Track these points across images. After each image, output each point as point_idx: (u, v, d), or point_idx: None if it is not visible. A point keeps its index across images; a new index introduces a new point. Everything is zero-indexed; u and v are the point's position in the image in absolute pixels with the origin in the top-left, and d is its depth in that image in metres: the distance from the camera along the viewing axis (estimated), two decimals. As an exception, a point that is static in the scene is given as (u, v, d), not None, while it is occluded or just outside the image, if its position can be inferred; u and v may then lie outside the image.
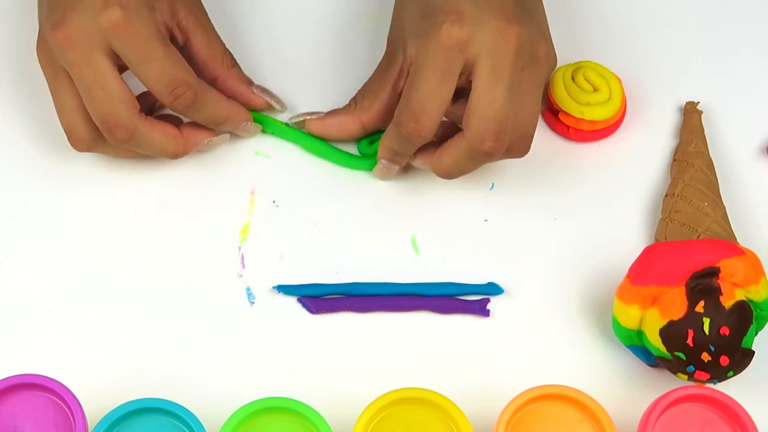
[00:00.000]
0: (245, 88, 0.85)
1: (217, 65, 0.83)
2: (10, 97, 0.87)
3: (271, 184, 0.85)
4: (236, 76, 0.84)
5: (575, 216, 0.85)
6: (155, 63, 0.78)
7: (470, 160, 0.80)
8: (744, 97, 0.89)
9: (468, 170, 0.81)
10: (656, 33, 0.91)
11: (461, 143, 0.79)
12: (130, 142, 0.79)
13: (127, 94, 0.79)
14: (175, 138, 0.81)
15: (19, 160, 0.85)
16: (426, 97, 0.78)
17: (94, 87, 0.78)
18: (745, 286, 0.77)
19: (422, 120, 0.78)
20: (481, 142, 0.78)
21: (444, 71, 0.78)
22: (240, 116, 0.84)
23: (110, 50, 0.78)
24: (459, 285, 0.82)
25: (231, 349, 0.80)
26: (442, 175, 0.82)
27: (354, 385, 0.79)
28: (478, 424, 0.75)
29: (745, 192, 0.86)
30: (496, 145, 0.78)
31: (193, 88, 0.79)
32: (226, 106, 0.83)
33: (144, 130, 0.80)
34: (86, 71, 0.78)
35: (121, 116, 0.78)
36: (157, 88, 0.79)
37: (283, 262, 0.83)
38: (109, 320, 0.80)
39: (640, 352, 0.79)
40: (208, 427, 0.73)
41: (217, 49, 0.84)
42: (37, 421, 0.73)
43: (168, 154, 0.82)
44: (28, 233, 0.83)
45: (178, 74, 0.79)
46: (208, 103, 0.81)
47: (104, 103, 0.78)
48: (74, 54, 0.78)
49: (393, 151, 0.82)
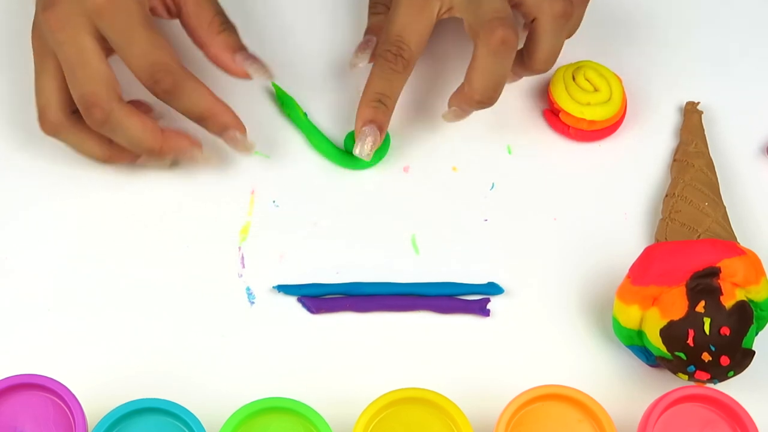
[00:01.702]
0: (226, 56, 0.82)
1: (202, 32, 0.82)
2: (11, 96, 0.87)
3: (271, 184, 0.85)
4: (221, 43, 0.82)
5: (575, 216, 0.85)
6: (137, 46, 0.78)
7: (494, 60, 0.80)
8: (744, 97, 0.89)
9: (499, 76, 0.81)
10: (656, 33, 0.91)
11: (478, 50, 0.80)
12: (105, 124, 0.79)
13: (110, 76, 0.79)
14: (153, 132, 0.80)
15: (20, 161, 0.85)
16: (404, 27, 0.81)
17: (77, 66, 0.78)
18: (745, 286, 0.77)
19: (403, 45, 0.81)
20: (492, 32, 0.79)
21: (420, 6, 0.81)
22: (223, 117, 0.80)
23: (97, 32, 0.78)
24: (459, 285, 0.82)
25: (231, 349, 0.80)
26: (480, 99, 0.81)
27: (354, 385, 0.79)
28: (478, 424, 0.75)
29: (745, 192, 0.86)
30: (507, 30, 0.79)
31: (172, 74, 0.78)
32: (209, 100, 0.80)
33: (121, 115, 0.79)
34: (72, 50, 0.78)
35: (100, 96, 0.78)
36: (138, 71, 0.79)
37: (283, 262, 0.83)
38: (109, 320, 0.80)
39: (640, 352, 0.79)
40: (208, 427, 0.73)
41: (205, 15, 0.82)
42: (37, 421, 0.73)
43: (143, 147, 0.80)
44: (28, 233, 0.83)
45: (159, 58, 0.78)
46: (189, 92, 0.79)
47: (85, 82, 0.78)
48: (62, 34, 0.78)
49: (377, 97, 0.82)
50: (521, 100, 0.89)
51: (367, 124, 0.83)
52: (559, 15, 0.81)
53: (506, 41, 0.79)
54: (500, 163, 0.86)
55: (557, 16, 0.81)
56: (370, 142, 0.83)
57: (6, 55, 0.88)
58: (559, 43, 0.83)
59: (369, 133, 0.83)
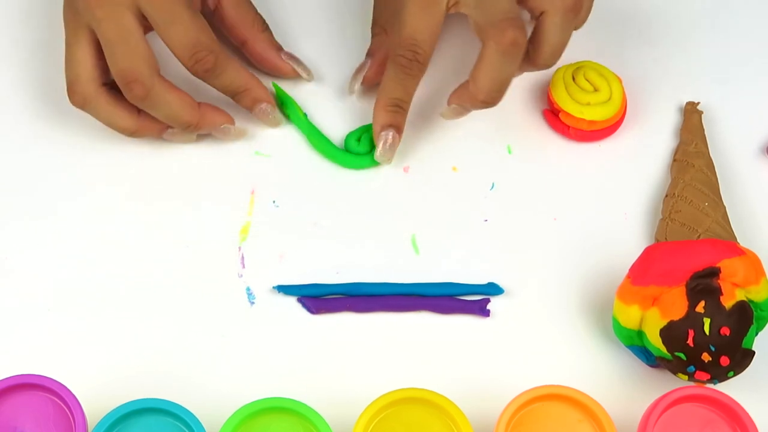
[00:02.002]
0: (273, 53, 0.85)
1: (246, 29, 0.85)
2: (11, 97, 0.87)
3: (271, 184, 0.85)
4: (265, 41, 0.85)
5: (575, 216, 0.85)
6: (179, 26, 0.79)
7: (502, 61, 0.79)
8: (744, 97, 0.89)
9: (506, 77, 0.80)
10: (656, 33, 0.91)
11: (486, 50, 0.79)
12: (145, 99, 0.80)
13: (149, 53, 0.80)
14: (191, 107, 0.82)
15: (21, 161, 0.85)
16: (415, 28, 0.80)
17: (118, 42, 0.79)
18: (745, 286, 0.77)
19: (417, 49, 0.80)
20: (502, 33, 0.78)
21: (426, 3, 0.80)
22: (258, 91, 0.84)
23: (137, 10, 0.79)
24: (459, 285, 0.82)
25: (231, 349, 0.80)
26: (484, 98, 0.81)
27: (354, 385, 0.79)
28: (478, 424, 0.75)
29: (745, 192, 0.86)
30: (517, 31, 0.78)
31: (214, 54, 0.80)
32: (245, 76, 0.83)
33: (161, 90, 0.80)
34: (112, 27, 0.79)
35: (141, 72, 0.79)
36: (180, 51, 0.80)
37: (283, 262, 0.83)
38: (109, 320, 0.80)
39: (640, 352, 0.79)
40: (208, 427, 0.73)
41: (247, 12, 0.85)
42: (37, 421, 0.73)
43: (181, 122, 0.82)
44: (28, 233, 0.83)
45: (200, 38, 0.80)
46: (228, 70, 0.82)
47: (126, 58, 0.79)
48: (102, 11, 0.79)
49: (393, 102, 0.82)
50: (521, 100, 0.89)
51: (386, 128, 0.83)
52: (569, 8, 0.80)
53: (516, 42, 0.79)
54: (500, 163, 0.86)
55: (567, 10, 0.80)
56: (390, 145, 0.84)
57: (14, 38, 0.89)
58: (566, 38, 0.82)
59: (385, 138, 0.83)
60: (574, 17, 0.81)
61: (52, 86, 0.87)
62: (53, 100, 0.86)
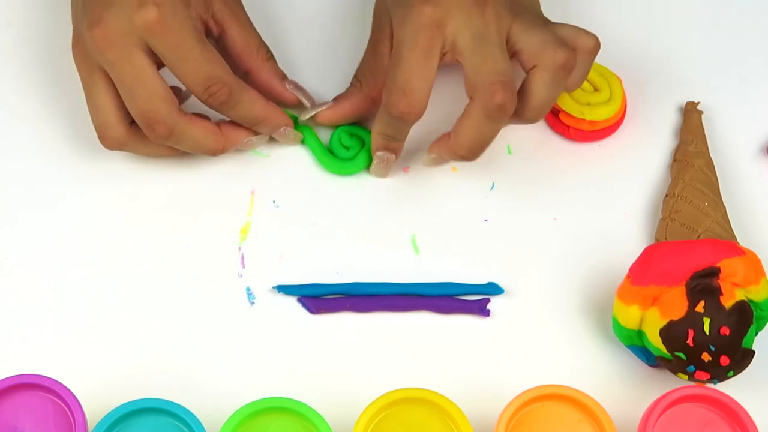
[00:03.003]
0: (277, 83, 0.84)
1: (251, 58, 0.84)
2: (12, 97, 0.87)
3: (271, 184, 0.85)
4: (270, 70, 0.84)
5: (575, 216, 0.85)
6: (191, 61, 0.78)
7: (487, 122, 0.78)
8: (744, 97, 0.89)
9: (488, 137, 0.80)
10: (656, 33, 0.91)
11: (473, 108, 0.78)
12: (169, 138, 0.80)
13: (167, 91, 0.79)
14: (214, 134, 0.82)
15: (20, 161, 0.85)
16: (412, 75, 0.78)
17: (134, 85, 0.78)
18: (745, 286, 0.77)
19: (412, 97, 0.78)
20: (492, 96, 0.77)
21: (425, 48, 0.78)
22: (276, 119, 0.83)
23: (148, 48, 0.78)
24: (459, 285, 0.82)
25: (231, 349, 0.80)
26: (464, 154, 0.80)
27: (354, 385, 0.79)
28: (478, 424, 0.75)
29: (745, 192, 0.86)
30: (507, 95, 0.77)
31: (228, 86, 0.80)
32: (262, 106, 0.82)
33: (183, 126, 0.80)
34: (126, 69, 0.78)
35: (161, 113, 0.79)
36: (193, 86, 0.79)
37: (283, 262, 0.83)
38: (109, 320, 0.80)
39: (640, 352, 0.79)
40: (208, 427, 0.73)
41: (252, 41, 0.84)
42: (37, 421, 0.73)
43: (207, 150, 0.82)
44: (28, 233, 0.83)
45: (213, 72, 0.79)
46: (244, 101, 0.81)
47: (145, 101, 0.78)
48: (113, 53, 0.78)
49: (387, 137, 0.82)
50: (521, 100, 0.89)
51: (380, 149, 0.83)
52: (560, 66, 0.78)
53: (503, 107, 0.77)
54: (500, 163, 0.86)
55: (558, 67, 0.79)
56: (384, 164, 0.84)
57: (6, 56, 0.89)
58: (554, 95, 0.80)
59: (382, 155, 0.83)
60: (565, 76, 0.79)
61: (52, 88, 0.87)
62: (53, 102, 0.86)
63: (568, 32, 0.81)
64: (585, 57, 0.82)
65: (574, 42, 0.81)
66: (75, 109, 0.85)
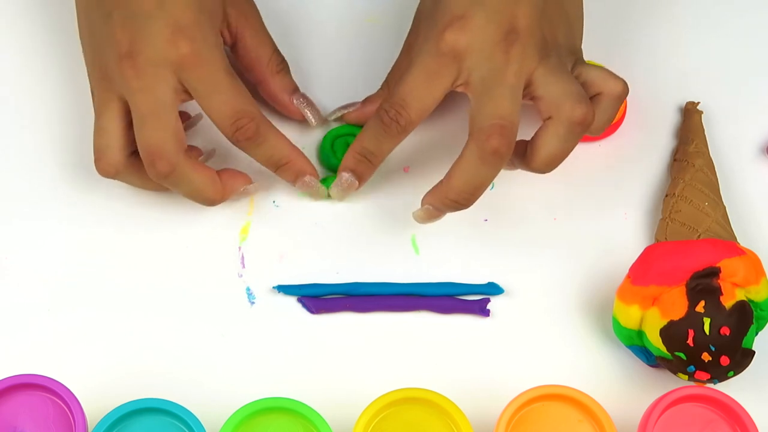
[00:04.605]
0: (285, 96, 0.83)
1: (262, 68, 0.83)
2: (13, 99, 0.87)
3: (271, 184, 0.85)
4: (280, 82, 0.83)
5: (575, 216, 0.85)
6: (221, 95, 0.77)
7: (481, 166, 0.77)
8: (744, 97, 0.89)
9: (480, 182, 0.77)
10: (657, 33, 0.91)
11: (468, 149, 0.77)
12: (168, 177, 0.78)
13: (179, 129, 0.78)
14: (213, 183, 0.80)
15: (20, 161, 0.85)
16: (410, 92, 0.77)
17: (149, 115, 0.77)
18: (745, 286, 0.77)
19: (403, 111, 0.77)
20: (487, 139, 0.76)
21: (433, 74, 0.77)
22: (299, 164, 0.81)
23: (177, 81, 0.77)
24: (459, 285, 0.82)
25: (231, 349, 0.80)
26: (455, 198, 0.78)
27: (354, 385, 0.79)
28: (478, 424, 0.75)
29: (745, 192, 0.86)
30: (503, 140, 0.76)
31: (256, 122, 0.78)
32: (287, 147, 0.80)
33: (186, 168, 0.78)
34: (147, 99, 0.77)
35: (167, 149, 0.77)
36: (220, 120, 0.78)
37: (283, 262, 0.83)
38: (110, 320, 0.80)
39: (640, 352, 0.79)
40: (208, 427, 0.73)
41: (264, 51, 0.83)
42: (37, 421, 0.73)
43: (203, 199, 0.80)
44: (28, 233, 0.83)
45: (242, 106, 0.78)
46: (270, 139, 0.79)
47: (155, 132, 0.77)
48: (140, 82, 0.77)
49: (363, 152, 0.80)
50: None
51: (347, 170, 0.81)
52: (577, 122, 0.76)
53: (498, 153, 0.76)
54: (500, 163, 0.86)
55: (575, 123, 0.76)
56: (345, 187, 0.82)
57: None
58: (567, 149, 0.78)
59: (347, 179, 0.81)
60: (581, 131, 0.77)
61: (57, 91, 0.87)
62: (54, 102, 0.86)
63: (595, 76, 0.79)
64: (610, 102, 0.80)
65: (600, 87, 0.79)
66: (77, 112, 0.85)
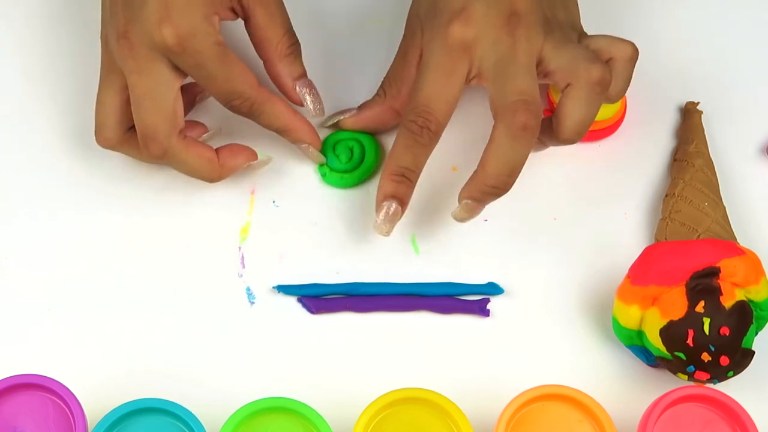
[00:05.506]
0: (288, 81, 0.83)
1: (269, 49, 0.82)
2: (13, 97, 0.87)
3: (271, 184, 0.85)
4: (286, 66, 0.82)
5: (575, 216, 0.85)
6: (211, 81, 0.78)
7: (512, 145, 0.76)
8: (744, 97, 0.89)
9: (515, 162, 0.77)
10: (656, 33, 0.91)
11: (496, 131, 0.76)
12: (162, 158, 0.79)
13: (173, 111, 0.78)
14: (210, 162, 0.81)
15: (20, 160, 0.85)
16: (431, 95, 0.77)
17: (144, 97, 0.78)
18: (745, 286, 0.77)
19: (430, 116, 0.77)
20: (513, 115, 0.76)
21: (449, 71, 0.77)
22: (302, 131, 0.82)
23: (171, 62, 0.78)
24: (459, 285, 0.82)
25: (231, 349, 0.80)
26: (493, 183, 0.77)
27: (354, 385, 0.79)
28: (478, 424, 0.75)
29: (745, 192, 0.86)
30: (529, 114, 0.76)
31: (249, 101, 0.79)
32: (286, 118, 0.81)
33: (178, 150, 0.79)
34: (143, 80, 0.78)
35: (159, 131, 0.78)
36: (218, 98, 0.80)
37: (283, 262, 0.83)
38: (110, 320, 0.80)
39: (640, 352, 0.79)
40: (208, 427, 0.73)
41: (275, 32, 0.82)
42: (37, 421, 0.73)
43: (201, 177, 0.81)
44: (28, 233, 0.83)
45: (234, 89, 0.79)
46: (266, 112, 0.80)
47: (148, 115, 0.78)
48: (135, 63, 0.78)
49: (399, 169, 0.79)
50: (521, 100, 0.89)
51: (388, 198, 0.80)
52: (595, 82, 0.77)
53: (527, 127, 0.76)
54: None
55: (594, 83, 0.77)
56: (390, 218, 0.80)
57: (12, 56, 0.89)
58: (591, 113, 0.78)
59: (387, 207, 0.80)
60: (602, 91, 0.77)
61: (54, 87, 0.87)
62: (54, 101, 0.86)
63: (602, 43, 0.79)
64: (623, 65, 0.80)
65: (609, 52, 0.79)
66: (76, 109, 0.85)
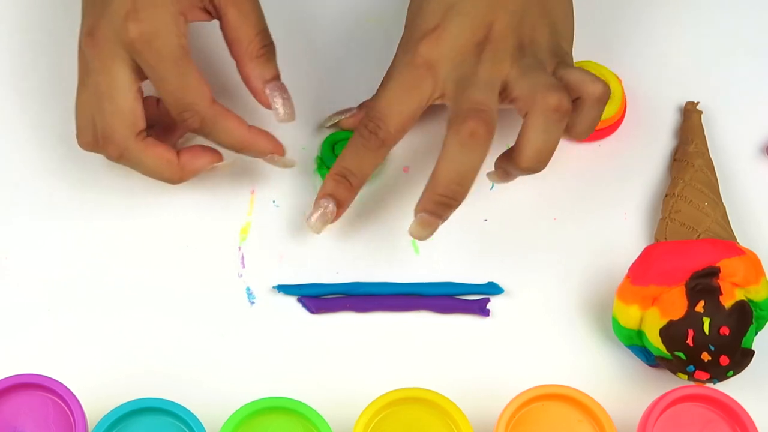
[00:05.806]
0: (257, 82, 0.81)
1: (240, 50, 0.80)
2: (14, 97, 0.87)
3: (271, 184, 0.85)
4: (256, 67, 0.80)
5: (575, 216, 0.85)
6: (167, 84, 0.77)
7: (461, 151, 0.75)
8: (744, 97, 0.89)
9: (468, 168, 0.76)
10: (656, 33, 0.91)
11: (446, 139, 0.76)
12: (120, 160, 0.79)
13: (132, 112, 0.78)
14: (169, 164, 0.79)
15: (20, 160, 0.85)
16: (387, 105, 0.77)
17: (103, 98, 0.78)
18: (745, 286, 0.77)
19: (381, 124, 0.77)
20: (462, 122, 0.75)
21: (409, 86, 0.77)
22: (260, 144, 0.80)
23: (134, 62, 0.77)
24: (459, 285, 0.82)
25: (231, 349, 0.80)
26: (443, 191, 0.76)
27: (354, 385, 0.79)
28: (478, 424, 0.75)
29: (745, 192, 0.86)
30: (480, 122, 0.75)
31: (199, 115, 0.78)
32: (240, 133, 0.79)
33: (136, 152, 0.78)
34: (102, 80, 0.78)
35: (115, 133, 0.78)
36: (169, 107, 0.78)
37: (283, 262, 0.83)
38: (110, 320, 0.80)
39: (640, 352, 0.79)
40: (208, 427, 0.73)
41: (246, 33, 0.80)
42: (37, 421, 0.73)
43: (161, 178, 0.80)
44: (28, 233, 0.83)
45: (186, 99, 0.77)
46: (218, 130, 0.78)
47: (106, 116, 0.78)
48: (98, 62, 0.77)
49: (343, 172, 0.79)
50: (521, 100, 0.89)
51: (326, 197, 0.80)
52: (552, 109, 0.75)
53: (475, 134, 0.75)
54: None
55: (550, 110, 0.75)
56: (322, 217, 0.80)
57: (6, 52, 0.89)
58: (550, 141, 0.76)
59: (323, 206, 0.80)
60: (559, 119, 0.76)
61: (52, 86, 0.87)
62: (54, 101, 0.86)
63: (575, 79, 0.78)
64: (591, 104, 0.78)
65: (579, 90, 0.78)
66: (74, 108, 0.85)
